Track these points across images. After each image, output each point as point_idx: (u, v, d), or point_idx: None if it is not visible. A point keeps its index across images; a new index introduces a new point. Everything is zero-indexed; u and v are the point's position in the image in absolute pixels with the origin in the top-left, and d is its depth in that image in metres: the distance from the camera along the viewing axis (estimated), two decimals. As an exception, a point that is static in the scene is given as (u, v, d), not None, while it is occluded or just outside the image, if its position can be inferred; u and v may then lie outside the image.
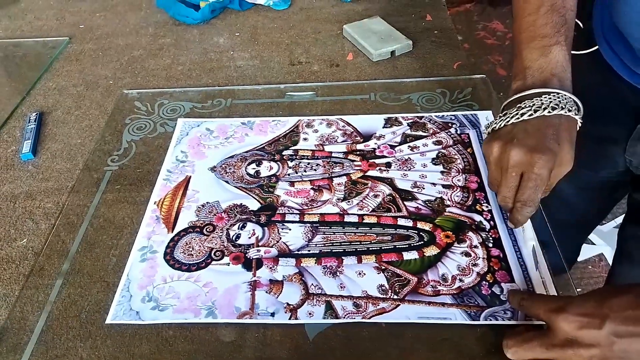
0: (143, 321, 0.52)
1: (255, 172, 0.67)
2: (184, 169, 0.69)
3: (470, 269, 0.54)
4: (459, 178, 0.65)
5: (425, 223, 0.60)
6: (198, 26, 1.01)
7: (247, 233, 0.60)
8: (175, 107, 0.79)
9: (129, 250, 0.59)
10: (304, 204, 0.63)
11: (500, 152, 0.54)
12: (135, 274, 0.57)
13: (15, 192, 0.68)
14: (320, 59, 0.90)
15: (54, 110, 0.82)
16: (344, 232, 0.59)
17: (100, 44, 0.98)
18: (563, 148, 0.52)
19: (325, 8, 1.04)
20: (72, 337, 0.52)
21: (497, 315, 0.50)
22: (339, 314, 0.51)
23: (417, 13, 1.00)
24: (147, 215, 0.63)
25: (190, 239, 0.60)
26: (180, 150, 0.72)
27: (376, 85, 0.82)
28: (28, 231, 0.63)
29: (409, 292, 0.53)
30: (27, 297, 0.55)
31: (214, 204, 0.64)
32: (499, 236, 0.57)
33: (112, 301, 0.54)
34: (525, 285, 0.53)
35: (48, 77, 0.90)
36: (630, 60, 0.63)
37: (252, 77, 0.86)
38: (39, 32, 1.03)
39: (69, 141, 0.76)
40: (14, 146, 0.76)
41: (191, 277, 0.56)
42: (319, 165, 0.68)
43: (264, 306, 0.52)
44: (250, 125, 0.75)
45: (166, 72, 0.89)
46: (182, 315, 0.52)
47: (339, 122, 0.74)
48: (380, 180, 0.65)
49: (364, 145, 0.70)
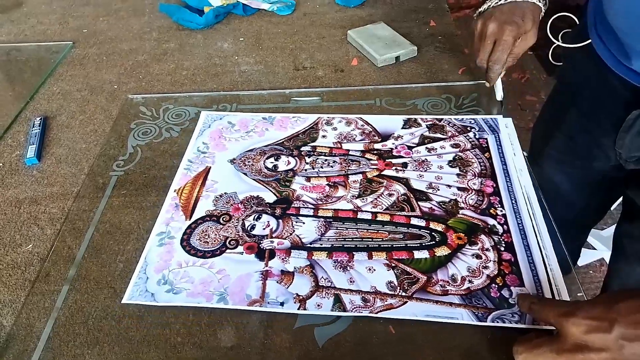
0: (157, 302, 0.54)
1: (273, 166, 0.69)
2: (205, 160, 0.70)
3: (480, 271, 0.55)
4: (474, 181, 0.65)
5: (438, 224, 0.60)
6: (202, 31, 1.01)
7: (262, 224, 0.61)
8: (180, 112, 0.79)
9: (136, 256, 0.59)
10: (318, 199, 0.64)
11: (481, 26, 0.69)
12: (153, 257, 0.58)
13: (20, 197, 0.68)
14: (325, 64, 0.90)
15: (58, 115, 0.82)
16: (357, 229, 0.60)
17: (104, 49, 0.98)
18: (526, 23, 0.67)
19: (329, 13, 1.04)
20: (79, 344, 0.51)
21: (504, 318, 0.50)
22: (347, 308, 0.52)
23: (421, 19, 1.00)
24: (166, 202, 0.64)
25: (207, 227, 0.61)
26: (202, 141, 0.73)
27: (381, 90, 0.82)
28: (33, 237, 0.63)
29: (418, 290, 0.53)
30: (33, 304, 0.55)
31: (232, 195, 0.65)
32: (512, 241, 0.57)
33: (119, 307, 0.54)
34: (535, 290, 0.53)
35: (52, 81, 0.90)
36: (619, 53, 0.65)
37: (257, 82, 0.86)
38: (42, 37, 1.03)
39: (73, 146, 0.76)
40: (19, 151, 0.76)
41: (205, 263, 0.57)
42: (336, 162, 0.69)
43: (274, 295, 0.54)
44: (271, 121, 0.76)
45: (171, 77, 0.89)
46: (195, 299, 0.54)
47: (358, 121, 0.75)
48: (396, 179, 0.66)
49: (382, 145, 0.71)
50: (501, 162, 0.67)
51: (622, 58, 0.65)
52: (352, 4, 1.05)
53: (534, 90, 2.12)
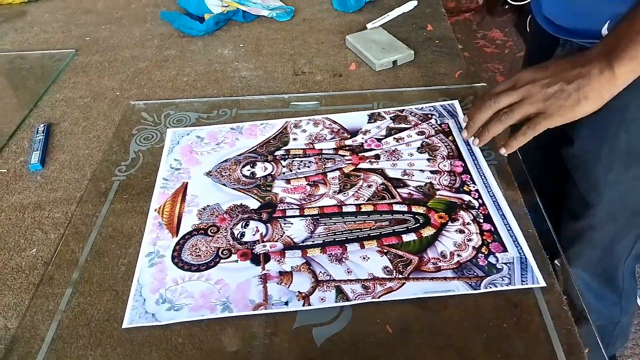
0: (160, 322, 0.53)
1: (251, 174, 0.69)
2: (180, 176, 0.70)
3: (465, 244, 0.58)
4: (444, 164, 0.69)
5: (419, 207, 0.63)
6: (202, 38, 1.03)
7: (251, 230, 0.62)
8: (181, 118, 0.80)
9: (138, 259, 0.60)
10: (302, 199, 0.65)
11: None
12: (146, 278, 0.58)
13: (24, 202, 0.69)
14: (324, 69, 0.91)
15: (61, 122, 0.83)
16: (344, 222, 0.62)
17: (106, 56, 1.00)
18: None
19: (328, 19, 1.06)
20: (82, 345, 0.52)
21: (495, 282, 0.54)
22: (350, 297, 0.54)
23: (418, 23, 1.01)
24: (149, 222, 0.64)
25: (196, 240, 0.61)
26: (173, 158, 0.73)
27: (379, 94, 0.83)
28: (37, 241, 0.64)
29: (413, 271, 0.56)
30: (37, 306, 0.56)
31: (215, 206, 0.65)
32: (488, 212, 0.62)
33: (121, 309, 0.55)
34: (517, 253, 0.57)
35: (55, 88, 0.91)
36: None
37: (257, 87, 0.88)
38: (45, 45, 1.05)
39: (76, 152, 0.77)
40: (23, 157, 0.77)
41: (202, 276, 0.57)
42: (312, 162, 0.70)
43: (277, 296, 0.54)
44: (240, 130, 0.77)
45: (172, 83, 0.90)
46: (198, 312, 0.54)
47: (325, 121, 0.77)
48: (372, 171, 0.68)
49: (352, 141, 0.73)
50: (465, 143, 0.71)
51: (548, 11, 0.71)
52: (350, 10, 1.07)
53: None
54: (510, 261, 0.56)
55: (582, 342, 0.49)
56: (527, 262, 0.56)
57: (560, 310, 0.52)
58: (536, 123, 0.60)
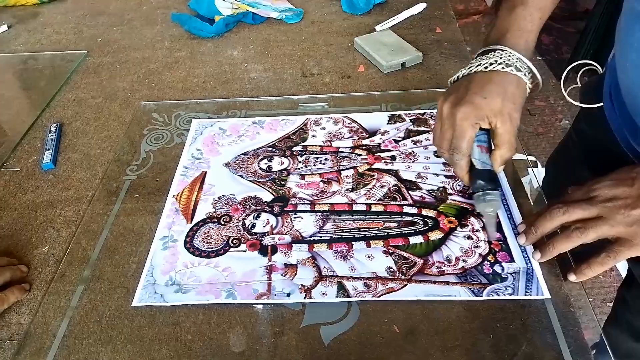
0: (167, 303, 0.55)
1: (268, 167, 0.71)
2: (200, 165, 0.72)
3: (472, 250, 0.58)
4: None
5: (429, 210, 0.63)
6: (212, 40, 1.04)
7: (262, 222, 0.63)
8: (191, 118, 0.81)
9: (148, 257, 0.61)
10: (314, 195, 0.66)
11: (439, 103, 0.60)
12: (158, 260, 0.60)
13: (37, 200, 0.70)
14: (332, 70, 0.92)
15: (73, 122, 0.84)
16: (353, 220, 0.62)
17: (117, 57, 1.01)
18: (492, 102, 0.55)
19: (337, 21, 1.06)
20: (93, 341, 0.53)
21: (498, 291, 0.54)
22: (351, 294, 0.54)
23: (427, 25, 1.02)
24: (166, 207, 0.66)
25: (209, 228, 0.63)
26: (195, 148, 0.75)
27: (387, 96, 0.83)
28: (49, 239, 0.65)
29: (416, 273, 0.56)
30: (49, 303, 0.57)
31: (230, 197, 0.67)
32: (499, 220, 0.61)
33: (131, 307, 0.56)
34: (524, 264, 0.56)
35: (67, 89, 0.93)
36: (627, 125, 0.62)
37: (266, 89, 0.88)
38: (57, 46, 1.06)
39: (88, 151, 0.78)
40: (35, 156, 0.78)
41: (211, 262, 0.59)
42: (328, 159, 0.71)
43: (280, 287, 0.56)
44: (261, 124, 0.78)
45: (182, 84, 0.91)
46: (204, 297, 0.56)
47: (345, 120, 0.78)
48: (386, 172, 0.69)
49: (370, 141, 0.74)
50: None
51: (629, 132, 0.61)
52: (359, 12, 1.07)
53: (543, 95, 2.12)
54: (516, 271, 0.55)
55: (588, 344, 0.50)
56: (534, 274, 0.55)
57: (567, 312, 0.52)
58: (617, 252, 0.50)
